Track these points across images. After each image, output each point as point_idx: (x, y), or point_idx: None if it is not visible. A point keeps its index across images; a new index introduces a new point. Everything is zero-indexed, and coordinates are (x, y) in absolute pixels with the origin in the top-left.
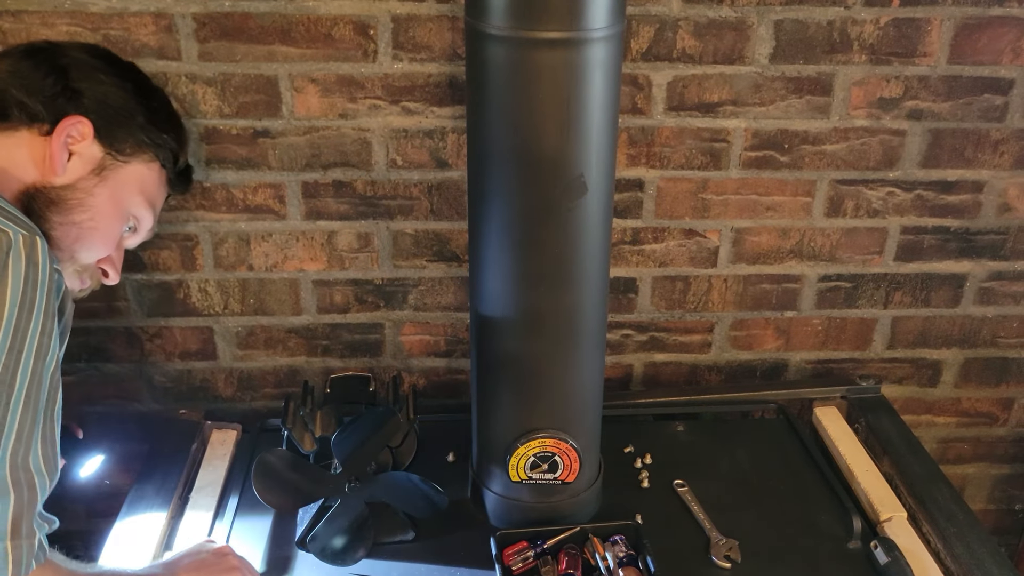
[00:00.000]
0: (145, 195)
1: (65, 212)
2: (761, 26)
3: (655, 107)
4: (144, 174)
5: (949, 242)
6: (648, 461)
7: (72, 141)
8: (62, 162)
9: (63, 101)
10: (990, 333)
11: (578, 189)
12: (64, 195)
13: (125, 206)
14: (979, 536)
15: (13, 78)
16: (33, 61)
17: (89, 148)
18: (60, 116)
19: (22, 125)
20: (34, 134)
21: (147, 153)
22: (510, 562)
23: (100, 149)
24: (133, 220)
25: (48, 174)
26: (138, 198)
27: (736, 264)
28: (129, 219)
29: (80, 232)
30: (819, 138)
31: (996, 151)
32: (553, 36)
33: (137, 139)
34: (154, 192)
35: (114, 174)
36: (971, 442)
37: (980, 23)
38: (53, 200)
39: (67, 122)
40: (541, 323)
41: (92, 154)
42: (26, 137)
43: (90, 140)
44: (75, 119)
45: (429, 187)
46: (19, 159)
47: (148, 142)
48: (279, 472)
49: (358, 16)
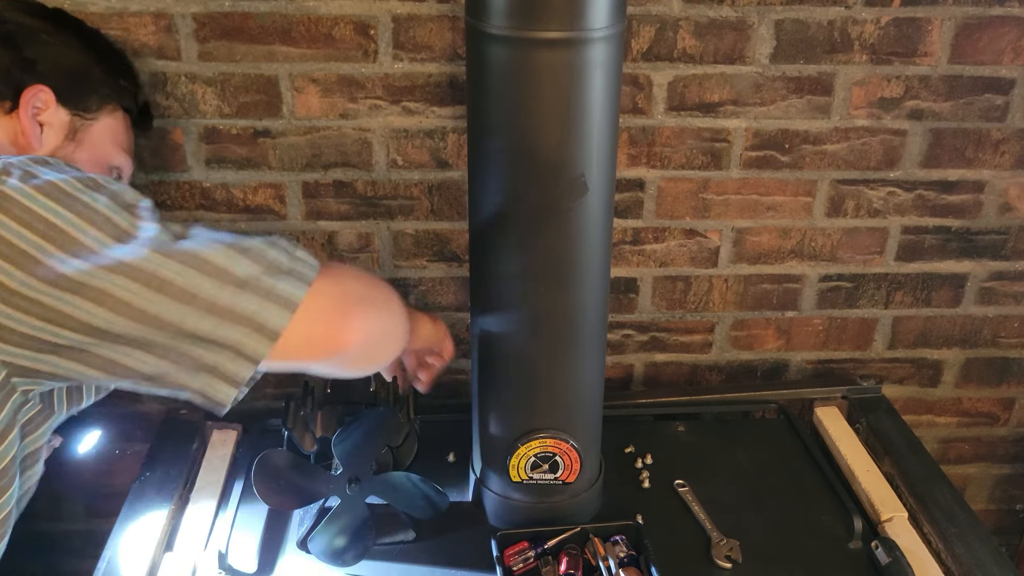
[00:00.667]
0: (119, 144)
1: None
2: (762, 26)
3: (656, 107)
4: (113, 125)
5: (950, 242)
6: (649, 461)
7: (38, 111)
8: (36, 134)
9: (17, 72)
10: (991, 333)
11: (579, 189)
12: None
13: (106, 160)
14: (980, 536)
15: None
16: None
17: (56, 114)
18: (19, 89)
19: None
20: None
21: (110, 104)
22: (511, 562)
23: (66, 113)
24: (116, 171)
25: (27, 149)
26: (113, 148)
27: (737, 264)
28: (112, 171)
29: None
30: (820, 138)
31: (997, 151)
32: (553, 36)
33: (100, 94)
34: (125, 138)
35: (87, 134)
36: (972, 442)
37: (981, 23)
38: None
39: (28, 93)
40: (542, 323)
41: (60, 120)
42: None
43: (54, 106)
44: (35, 88)
45: (429, 187)
46: None
47: (109, 93)
48: (279, 472)
49: (358, 16)
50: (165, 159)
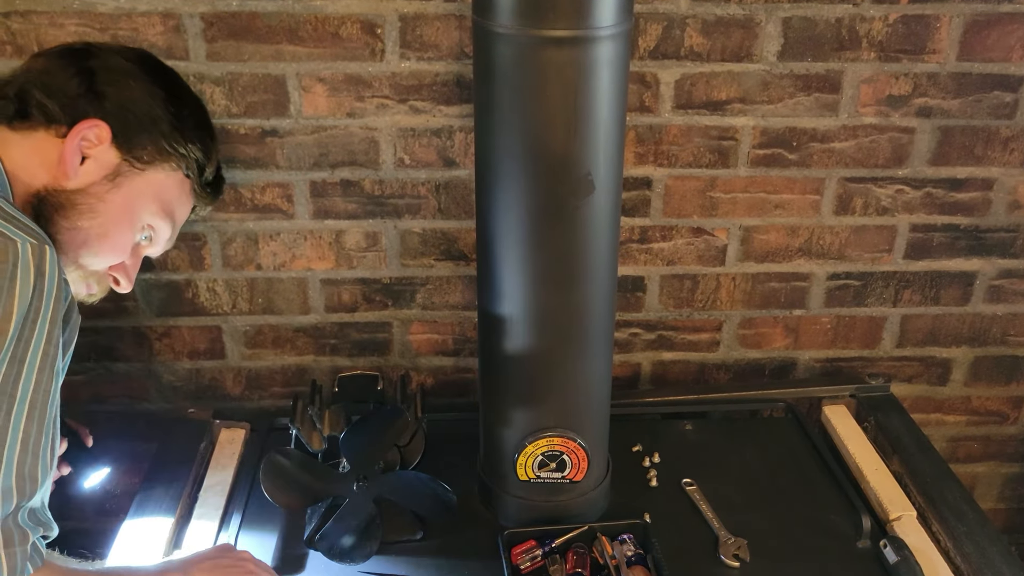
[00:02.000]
0: (162, 205)
1: (74, 217)
2: (769, 23)
3: (663, 105)
4: (163, 183)
5: (959, 240)
6: (656, 460)
7: (88, 145)
8: (74, 165)
9: (84, 103)
10: (1000, 331)
11: (586, 187)
12: (74, 199)
13: (138, 215)
14: (989, 535)
15: (40, 77)
16: (63, 61)
17: (105, 153)
18: (78, 118)
19: (40, 126)
20: (51, 136)
21: (168, 162)
22: (518, 561)
23: (117, 155)
24: (149, 230)
25: (60, 177)
26: (154, 207)
27: (744, 262)
28: (143, 228)
29: (87, 238)
30: (828, 136)
31: (1006, 148)
32: (561, 34)
33: (158, 146)
34: (173, 202)
35: (129, 181)
36: (981, 441)
37: (989, 20)
38: (63, 204)
39: (83, 125)
40: (549, 322)
41: (108, 159)
42: (42, 139)
43: (107, 144)
44: (92, 122)
45: (437, 186)
46: (33, 161)
47: (170, 151)
48: (288, 471)
49: (365, 15)
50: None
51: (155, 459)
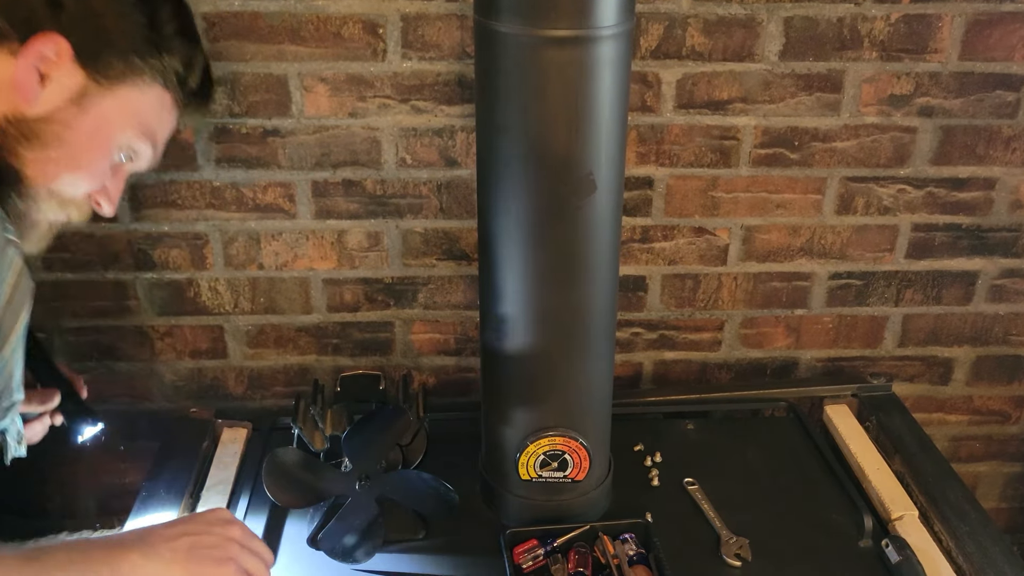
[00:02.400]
0: (139, 125)
1: (39, 148)
2: (771, 23)
3: (664, 105)
4: (138, 100)
5: (960, 239)
6: (658, 459)
7: (45, 63)
8: (32, 88)
9: (39, 15)
10: (1002, 331)
11: (587, 187)
12: (38, 129)
13: (112, 139)
14: (991, 535)
15: None
16: None
17: (67, 72)
18: (32, 33)
19: None
20: (3, 55)
21: (141, 77)
22: (520, 560)
23: (81, 73)
24: (128, 151)
25: (19, 103)
26: (129, 129)
27: (746, 262)
28: (120, 150)
29: (58, 169)
30: (829, 135)
31: (1008, 148)
32: (562, 34)
33: (128, 61)
34: (151, 121)
35: (98, 102)
36: (983, 440)
37: (991, 19)
38: (25, 134)
39: (38, 40)
40: (550, 321)
41: (71, 79)
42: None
43: (68, 62)
44: (47, 36)
45: (438, 186)
46: None
47: (142, 65)
48: (290, 470)
49: (367, 15)
50: (175, 158)
51: (157, 458)
